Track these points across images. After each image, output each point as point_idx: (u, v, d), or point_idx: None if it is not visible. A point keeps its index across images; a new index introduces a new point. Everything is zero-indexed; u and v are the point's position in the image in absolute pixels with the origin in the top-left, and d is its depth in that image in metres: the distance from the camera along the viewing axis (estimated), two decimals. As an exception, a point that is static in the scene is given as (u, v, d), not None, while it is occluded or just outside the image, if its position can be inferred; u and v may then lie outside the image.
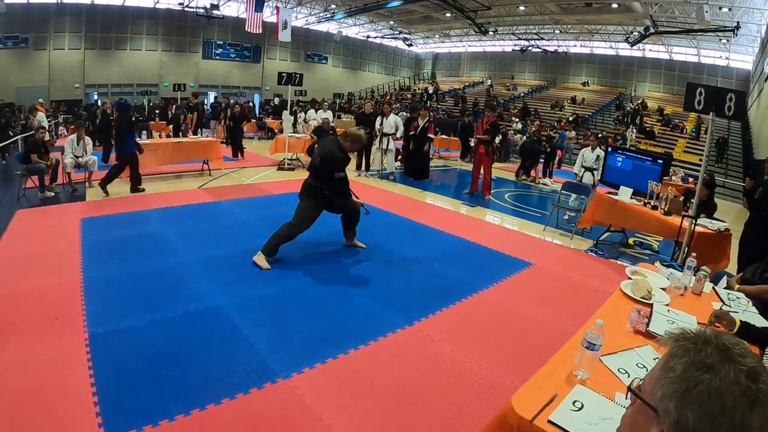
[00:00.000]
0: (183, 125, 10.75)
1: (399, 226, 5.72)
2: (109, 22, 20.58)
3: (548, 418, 1.26)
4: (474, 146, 8.52)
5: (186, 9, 20.97)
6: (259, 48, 25.53)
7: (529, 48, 26.01)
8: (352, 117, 13.97)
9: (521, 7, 20.03)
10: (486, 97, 24.26)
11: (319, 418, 2.16)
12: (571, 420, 1.26)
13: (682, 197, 5.28)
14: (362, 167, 9.21)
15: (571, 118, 19.92)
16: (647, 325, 1.83)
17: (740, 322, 1.83)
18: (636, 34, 20.14)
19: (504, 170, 11.32)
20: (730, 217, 7.46)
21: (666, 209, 4.64)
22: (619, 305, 2.09)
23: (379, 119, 8.77)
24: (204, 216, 5.59)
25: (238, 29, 22.29)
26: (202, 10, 20.16)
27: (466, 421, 2.20)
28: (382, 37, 29.68)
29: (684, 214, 4.11)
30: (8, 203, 5.90)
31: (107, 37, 20.75)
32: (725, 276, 2.96)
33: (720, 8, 15.20)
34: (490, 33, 23.22)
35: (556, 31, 23.51)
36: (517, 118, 19.68)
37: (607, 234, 5.82)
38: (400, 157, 9.83)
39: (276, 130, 12.79)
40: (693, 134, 17.99)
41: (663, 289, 2.30)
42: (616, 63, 25.88)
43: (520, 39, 25.17)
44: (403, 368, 2.61)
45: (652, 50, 23.87)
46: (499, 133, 9.46)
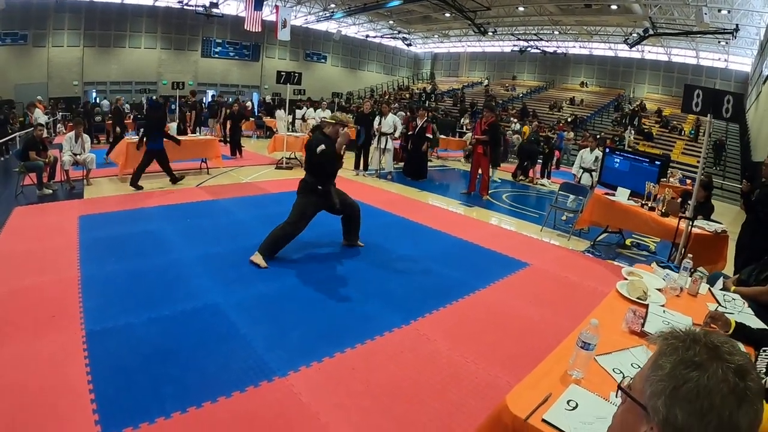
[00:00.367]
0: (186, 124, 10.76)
1: (397, 225, 5.73)
2: (108, 20, 20.51)
3: (542, 417, 1.27)
4: (472, 146, 8.52)
5: (185, 7, 20.87)
6: (258, 47, 25.46)
7: (528, 49, 25.98)
8: (352, 117, 13.91)
9: (520, 8, 20.02)
10: (484, 98, 24.25)
11: (316, 417, 2.17)
12: (566, 419, 1.26)
13: (680, 199, 5.30)
14: (360, 167, 9.22)
15: (569, 119, 19.94)
16: (642, 325, 1.85)
17: (735, 323, 1.84)
18: (635, 35, 20.14)
19: (501, 170, 11.29)
20: (728, 219, 7.47)
21: (663, 210, 4.66)
22: (615, 306, 2.10)
23: (377, 119, 8.78)
24: (202, 214, 5.59)
25: (237, 28, 22.21)
26: (201, 8, 20.06)
27: (462, 420, 2.21)
28: (381, 37, 29.65)
29: (681, 215, 4.12)
30: (6, 200, 5.89)
31: (106, 35, 20.67)
32: (721, 277, 2.98)
33: (719, 10, 15.22)
34: (489, 33, 23.20)
35: (555, 32, 23.52)
36: (516, 119, 19.68)
37: (605, 235, 5.83)
38: (400, 156, 9.81)
39: (274, 129, 12.78)
40: (691, 136, 18.02)
41: (659, 290, 2.31)
42: (615, 64, 25.87)
43: (519, 39, 25.13)
44: (400, 367, 2.62)
45: (651, 52, 23.87)
46: (500, 133, 9.33)
